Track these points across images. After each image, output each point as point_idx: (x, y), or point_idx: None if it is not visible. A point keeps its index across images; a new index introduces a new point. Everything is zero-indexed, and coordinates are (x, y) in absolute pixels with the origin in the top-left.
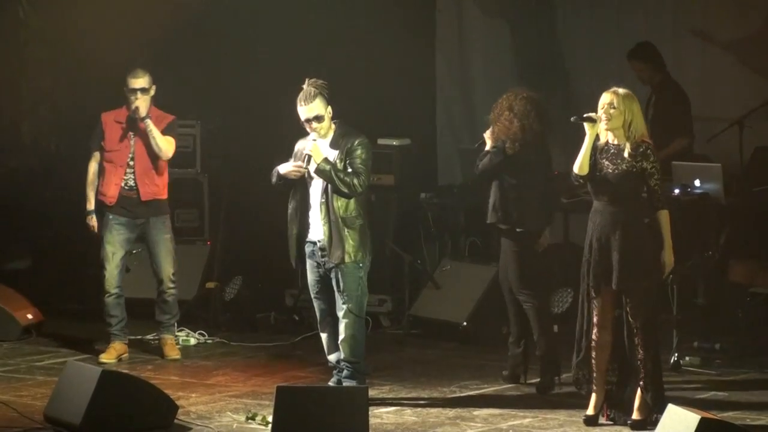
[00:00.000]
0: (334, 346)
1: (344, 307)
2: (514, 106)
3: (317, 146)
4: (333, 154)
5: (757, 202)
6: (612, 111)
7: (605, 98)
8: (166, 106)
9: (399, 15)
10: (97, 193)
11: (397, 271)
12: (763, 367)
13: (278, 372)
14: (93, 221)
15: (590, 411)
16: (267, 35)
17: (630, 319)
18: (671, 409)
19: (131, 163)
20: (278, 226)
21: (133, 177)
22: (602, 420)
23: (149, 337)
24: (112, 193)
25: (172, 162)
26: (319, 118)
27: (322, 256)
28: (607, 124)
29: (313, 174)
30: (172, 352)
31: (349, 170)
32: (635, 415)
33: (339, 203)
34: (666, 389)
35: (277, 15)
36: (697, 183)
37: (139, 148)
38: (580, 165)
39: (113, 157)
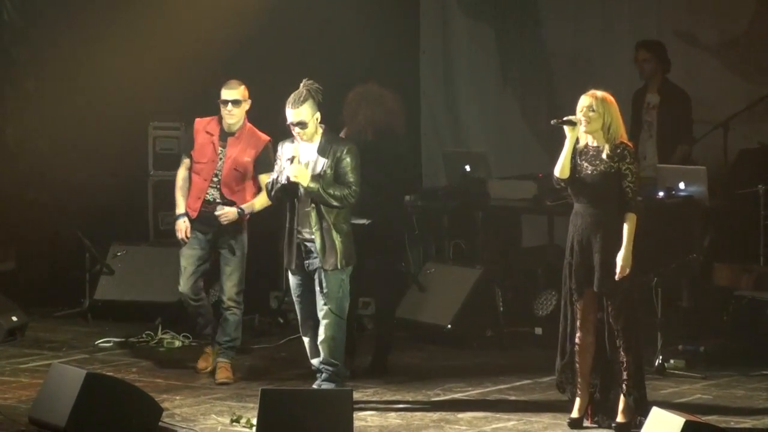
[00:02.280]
0: (316, 350)
1: (325, 308)
2: (367, 96)
3: (303, 169)
4: (321, 162)
5: (741, 205)
6: (591, 114)
7: (584, 101)
8: (148, 108)
9: (383, 18)
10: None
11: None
12: (748, 370)
13: (262, 374)
14: (184, 224)
15: (574, 414)
16: (251, 40)
17: (611, 321)
18: (655, 411)
19: (216, 180)
20: (262, 229)
21: (216, 193)
22: (586, 423)
23: (134, 339)
24: (195, 206)
25: (157, 165)
26: (302, 124)
27: (306, 258)
28: (587, 126)
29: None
30: (221, 375)
31: (339, 181)
32: (619, 418)
33: (329, 209)
34: (650, 392)
35: (261, 19)
36: (681, 186)
37: (228, 169)
38: (561, 168)
39: (200, 170)
